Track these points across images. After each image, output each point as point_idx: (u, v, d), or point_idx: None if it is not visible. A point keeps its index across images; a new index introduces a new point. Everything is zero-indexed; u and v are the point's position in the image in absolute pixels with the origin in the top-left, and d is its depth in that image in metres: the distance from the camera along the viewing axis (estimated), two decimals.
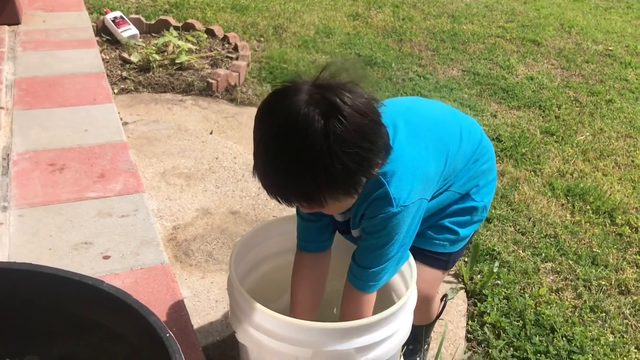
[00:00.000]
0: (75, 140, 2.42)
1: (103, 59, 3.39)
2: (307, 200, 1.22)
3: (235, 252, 1.47)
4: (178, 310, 1.65)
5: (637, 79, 4.48)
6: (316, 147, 1.13)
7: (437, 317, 1.85)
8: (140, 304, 0.99)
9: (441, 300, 1.86)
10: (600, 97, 4.09)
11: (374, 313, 1.53)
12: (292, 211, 1.60)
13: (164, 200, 2.41)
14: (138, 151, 2.71)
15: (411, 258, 1.53)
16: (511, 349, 2.00)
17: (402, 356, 1.69)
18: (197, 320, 1.89)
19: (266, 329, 1.31)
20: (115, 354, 1.06)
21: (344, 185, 1.21)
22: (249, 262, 1.50)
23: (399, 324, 1.36)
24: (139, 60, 3.60)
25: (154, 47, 3.73)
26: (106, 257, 1.83)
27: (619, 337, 2.09)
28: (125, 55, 3.68)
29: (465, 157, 1.56)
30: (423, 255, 1.61)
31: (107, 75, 2.98)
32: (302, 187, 1.18)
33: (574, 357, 1.97)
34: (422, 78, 4.10)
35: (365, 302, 1.48)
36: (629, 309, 2.23)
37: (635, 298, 2.30)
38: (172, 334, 0.97)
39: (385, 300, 1.61)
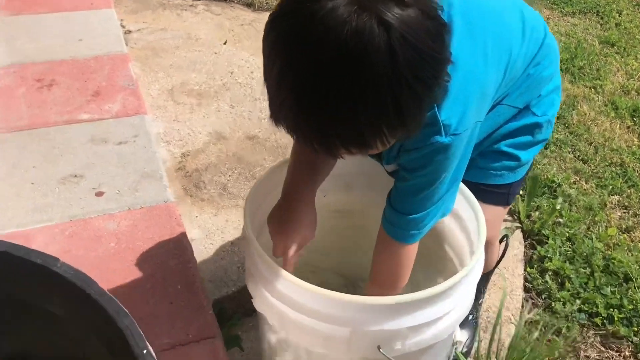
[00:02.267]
0: (68, 52, 2.08)
1: None
2: (360, 146, 0.89)
3: (250, 197, 1.16)
4: (184, 261, 1.36)
5: None
6: (380, 75, 0.80)
7: (497, 263, 1.55)
8: (102, 291, 0.69)
9: (500, 241, 1.53)
10: None
11: (418, 270, 1.23)
12: None
13: (172, 122, 2.09)
14: (142, 64, 2.37)
15: (473, 200, 1.21)
16: (577, 301, 1.71)
17: None
18: (209, 266, 1.61)
19: (292, 300, 1.01)
20: (72, 352, 0.77)
21: (412, 121, 0.88)
22: (268, 209, 1.18)
23: (461, 296, 1.06)
24: None
25: None
26: (99, 194, 1.53)
27: None
28: None
29: (526, 60, 1.21)
30: (477, 189, 1.28)
31: None
32: (356, 131, 0.85)
33: None
34: None
35: (404, 256, 1.19)
36: None
37: None
38: (142, 338, 0.67)
39: (433, 249, 1.29)
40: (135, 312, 1.09)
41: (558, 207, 1.95)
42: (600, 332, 1.66)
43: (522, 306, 1.72)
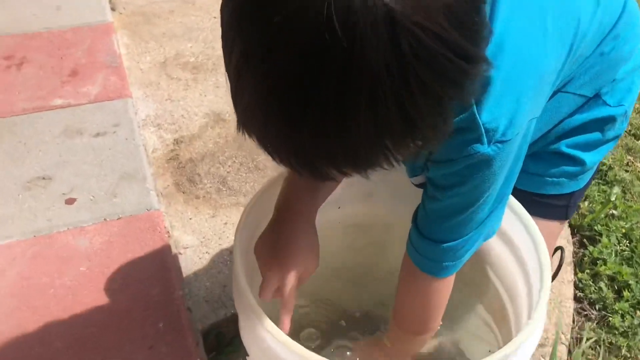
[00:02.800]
0: (43, 22, 1.82)
1: None
2: (356, 167, 0.63)
3: (242, 226, 0.90)
4: (168, 290, 1.12)
5: None
6: (377, 66, 0.54)
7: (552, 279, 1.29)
8: None
9: (553, 253, 1.26)
10: None
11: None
12: None
13: (164, 102, 1.83)
14: (132, 33, 2.09)
15: (528, 219, 0.94)
16: (639, 313, 1.45)
17: None
18: (205, 282, 1.36)
19: None
20: None
21: (428, 131, 0.62)
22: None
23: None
24: None
25: None
26: (70, 201, 1.29)
27: None
28: None
29: (600, 34, 0.92)
30: (528, 200, 1.02)
31: None
32: (347, 147, 0.59)
33: None
34: None
35: (437, 293, 0.95)
36: None
37: None
38: None
39: (468, 271, 1.02)
40: None
41: (613, 197, 1.67)
42: None
43: (573, 321, 1.46)
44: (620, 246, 1.60)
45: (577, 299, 1.52)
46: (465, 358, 1.14)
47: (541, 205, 1.05)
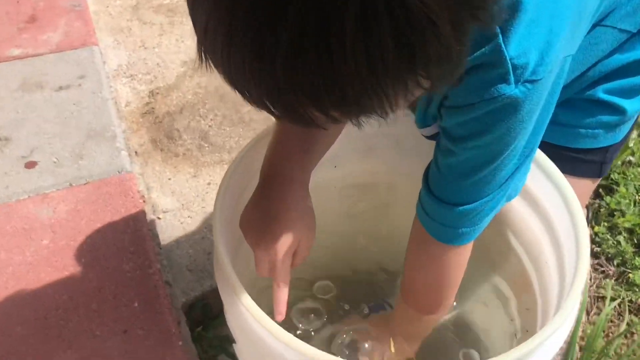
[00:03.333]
0: None
1: None
2: (344, 110, 0.51)
3: (222, 195, 0.77)
4: (144, 265, 0.99)
5: None
6: None
7: None
8: None
9: None
10: None
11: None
12: None
13: (137, 50, 1.66)
14: None
15: (563, 181, 0.81)
16: None
17: None
18: (187, 249, 1.23)
19: None
20: None
21: (436, 64, 0.49)
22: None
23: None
24: None
25: None
26: (30, 165, 1.14)
27: None
28: None
29: None
30: (558, 155, 0.88)
31: None
32: (331, 82, 0.47)
33: None
34: None
35: (451, 264, 0.82)
36: None
37: None
38: None
39: (489, 236, 0.89)
40: (75, 350, 0.82)
41: (631, 144, 1.54)
42: None
43: (590, 279, 1.35)
44: (639, 195, 1.49)
45: (593, 255, 1.41)
46: (475, 329, 1.03)
47: (572, 160, 0.92)
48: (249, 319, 0.67)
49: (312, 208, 0.78)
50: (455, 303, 0.94)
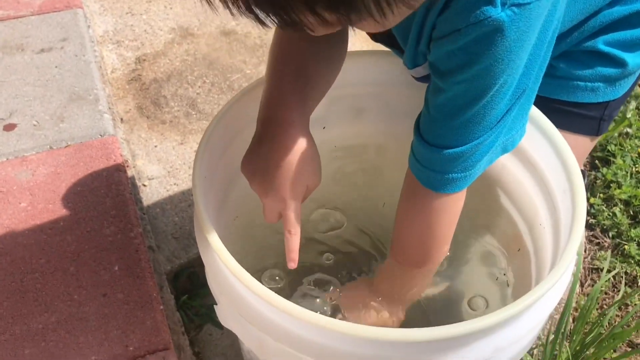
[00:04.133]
0: None
1: None
2: (331, 3, 0.51)
3: (203, 148, 0.73)
4: (125, 228, 0.96)
5: None
6: None
7: None
8: None
9: None
10: None
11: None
12: None
13: (124, 16, 1.62)
14: None
15: (557, 136, 0.78)
16: None
17: None
18: (173, 217, 1.20)
19: (290, 337, 0.61)
20: None
21: None
22: (235, 163, 0.75)
23: (529, 323, 0.66)
24: None
25: None
26: (9, 127, 1.11)
27: None
28: None
29: None
30: (554, 110, 0.85)
31: None
32: None
33: None
34: None
35: (442, 213, 0.79)
36: None
37: None
38: None
39: (479, 191, 0.86)
40: (51, 313, 0.81)
41: (628, 114, 1.51)
42: None
43: (585, 250, 1.33)
44: (635, 167, 1.46)
45: (588, 226, 1.38)
46: (467, 293, 1.00)
47: (569, 115, 0.88)
48: (228, 275, 0.64)
49: (316, 151, 0.74)
50: (448, 253, 0.89)
